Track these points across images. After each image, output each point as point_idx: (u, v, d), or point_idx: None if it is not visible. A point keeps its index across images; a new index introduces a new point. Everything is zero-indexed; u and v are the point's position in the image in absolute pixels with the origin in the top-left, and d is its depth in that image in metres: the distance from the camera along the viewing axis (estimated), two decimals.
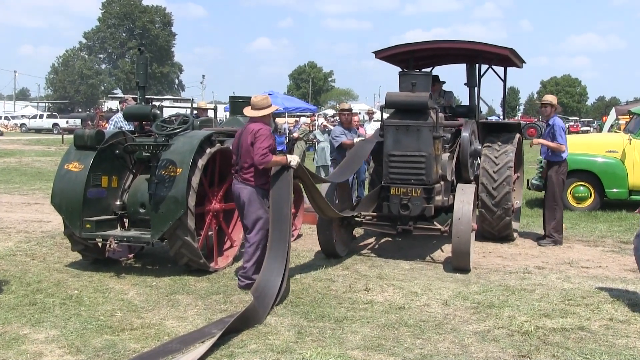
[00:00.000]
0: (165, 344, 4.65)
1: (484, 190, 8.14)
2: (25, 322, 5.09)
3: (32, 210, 10.99)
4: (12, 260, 7.16)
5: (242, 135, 6.17)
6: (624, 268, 7.20)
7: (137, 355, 4.45)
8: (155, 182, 6.29)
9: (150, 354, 4.45)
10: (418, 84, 7.14)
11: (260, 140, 5.94)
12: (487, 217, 8.23)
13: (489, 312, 5.46)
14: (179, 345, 4.59)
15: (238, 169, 6.20)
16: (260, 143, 5.93)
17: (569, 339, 4.84)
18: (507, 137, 8.56)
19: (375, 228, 7.88)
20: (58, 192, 6.54)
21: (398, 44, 8.69)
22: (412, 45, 8.61)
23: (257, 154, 5.91)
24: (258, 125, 6.10)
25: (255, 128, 6.07)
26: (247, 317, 5.05)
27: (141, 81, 7.12)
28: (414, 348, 4.62)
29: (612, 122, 22.40)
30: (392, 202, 7.15)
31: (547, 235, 8.51)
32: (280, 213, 5.88)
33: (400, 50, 8.65)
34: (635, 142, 11.13)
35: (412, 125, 7.08)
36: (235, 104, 9.04)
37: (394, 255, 7.74)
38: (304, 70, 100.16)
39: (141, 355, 4.44)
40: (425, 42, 8.67)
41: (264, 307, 5.32)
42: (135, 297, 5.84)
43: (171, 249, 6.49)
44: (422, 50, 8.85)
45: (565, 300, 5.82)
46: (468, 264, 6.83)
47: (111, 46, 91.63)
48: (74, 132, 6.89)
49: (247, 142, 6.04)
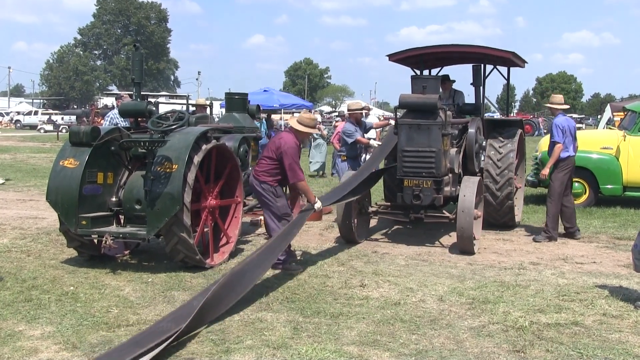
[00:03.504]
0: (157, 323, 4.71)
1: (489, 176, 8.87)
2: (21, 318, 5.10)
3: (27, 206, 10.97)
4: (8, 257, 7.15)
5: (272, 139, 7.01)
6: (618, 264, 7.24)
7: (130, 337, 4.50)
8: (151, 178, 6.29)
9: (144, 335, 4.48)
10: (428, 86, 7.88)
11: (289, 155, 6.54)
12: (491, 201, 8.86)
13: (484, 307, 5.49)
14: (170, 324, 4.62)
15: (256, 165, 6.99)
16: (291, 159, 6.55)
17: (563, 334, 4.87)
18: (510, 131, 9.34)
19: (390, 216, 8.73)
20: (53, 188, 6.53)
21: (410, 48, 9.35)
22: (422, 49, 9.36)
23: (293, 172, 6.55)
24: (289, 138, 6.68)
25: (285, 139, 6.68)
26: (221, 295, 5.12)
27: (136, 77, 7.11)
28: (410, 343, 4.64)
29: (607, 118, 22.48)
30: (405, 192, 7.88)
31: (543, 230, 8.61)
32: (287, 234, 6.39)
33: (412, 53, 9.35)
34: (630, 138, 11.17)
35: (423, 124, 7.77)
36: (231, 100, 9.03)
37: (406, 241, 8.44)
38: (300, 67, 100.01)
39: (134, 338, 4.49)
40: (435, 46, 9.46)
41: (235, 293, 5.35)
42: (131, 293, 5.84)
43: (167, 246, 6.49)
44: (432, 53, 9.55)
45: (560, 296, 5.85)
46: (472, 248, 7.58)
47: (106, 42, 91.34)
48: (70, 129, 6.88)
49: (271, 147, 6.73)
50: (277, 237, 6.25)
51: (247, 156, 8.01)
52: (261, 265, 5.82)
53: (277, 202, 6.70)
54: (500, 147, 8.99)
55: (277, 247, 6.14)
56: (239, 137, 7.77)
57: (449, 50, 9.59)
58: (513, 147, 8.99)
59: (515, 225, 9.34)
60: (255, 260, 5.82)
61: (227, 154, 7.18)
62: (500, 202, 8.87)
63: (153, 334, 4.48)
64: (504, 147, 8.98)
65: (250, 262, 5.79)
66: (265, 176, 6.69)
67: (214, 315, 5.03)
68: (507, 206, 8.92)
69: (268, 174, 6.69)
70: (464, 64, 10.51)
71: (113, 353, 4.27)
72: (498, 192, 8.82)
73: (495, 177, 8.83)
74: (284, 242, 6.28)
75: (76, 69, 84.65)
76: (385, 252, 7.77)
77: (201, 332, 4.82)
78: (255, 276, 5.68)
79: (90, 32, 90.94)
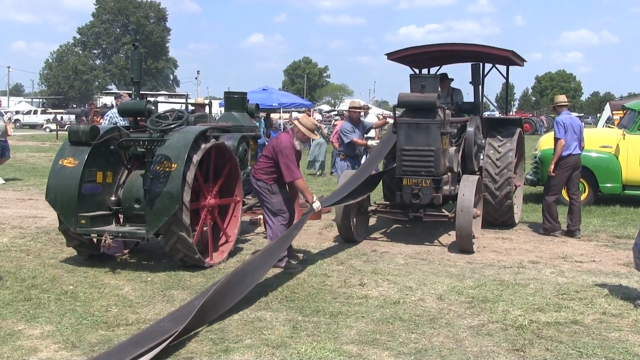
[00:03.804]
0: (157, 323, 4.70)
1: (488, 175, 8.83)
2: (20, 317, 5.09)
3: (26, 206, 10.96)
4: (7, 256, 7.14)
5: (272, 139, 7.19)
6: (618, 262, 7.24)
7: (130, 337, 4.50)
8: (150, 177, 6.29)
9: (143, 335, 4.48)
10: (427, 85, 7.84)
11: (284, 155, 6.61)
12: (490, 200, 8.83)
13: (484, 306, 5.49)
14: (170, 324, 4.62)
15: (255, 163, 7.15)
16: (286, 158, 6.61)
17: (563, 332, 4.87)
18: (509, 130, 9.29)
19: (389, 215, 8.63)
20: (53, 187, 6.52)
21: (409, 47, 9.34)
22: (421, 48, 9.31)
23: (289, 170, 6.60)
24: (286, 138, 6.78)
25: (282, 139, 6.79)
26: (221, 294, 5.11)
27: (136, 77, 7.10)
28: (409, 342, 4.64)
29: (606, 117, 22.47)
30: (404, 191, 7.86)
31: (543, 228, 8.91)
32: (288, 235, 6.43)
33: (411, 52, 9.28)
34: (629, 137, 11.18)
35: (422, 122, 7.74)
36: (230, 99, 9.03)
37: (405, 240, 8.42)
38: (299, 66, 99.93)
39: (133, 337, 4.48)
40: (434, 45, 9.40)
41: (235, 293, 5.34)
42: (131, 292, 5.84)
43: (166, 245, 6.49)
44: (431, 52, 9.50)
45: (559, 295, 5.85)
46: (471, 247, 7.55)
47: (105, 42, 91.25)
48: (69, 128, 6.88)
49: (269, 146, 6.86)
50: (279, 239, 6.30)
51: (246, 155, 8.02)
52: (262, 266, 5.83)
53: (272, 198, 6.83)
54: (499, 146, 8.96)
55: (277, 249, 6.19)
56: (238, 136, 7.77)
57: (448, 49, 9.55)
58: (512, 146, 8.96)
59: (514, 224, 9.34)
60: (257, 261, 5.82)
61: (226, 153, 7.17)
62: (500, 202, 8.86)
63: (153, 334, 4.48)
64: (503, 146, 8.95)
65: (252, 262, 5.80)
66: (261, 174, 6.85)
67: (213, 316, 5.02)
68: (506, 205, 8.91)
69: (264, 172, 6.84)
70: (463, 63, 10.52)
71: (112, 352, 4.27)
72: (497, 192, 8.80)
73: (494, 176, 8.81)
74: (284, 244, 6.33)
75: (75, 68, 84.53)
76: (384, 251, 7.77)
77: (200, 331, 4.81)
78: (256, 277, 5.68)
79: (90, 31, 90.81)
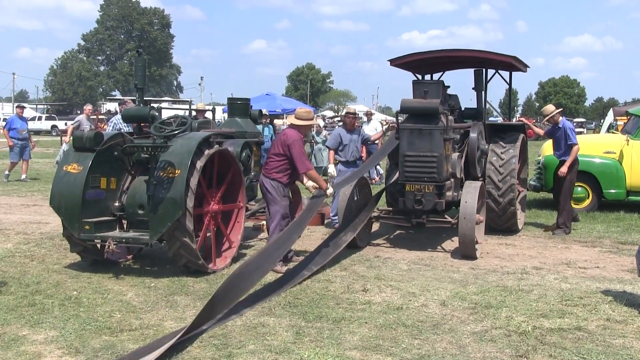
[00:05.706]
0: (161, 339, 4.68)
1: (491, 182, 8.80)
2: (25, 323, 5.11)
3: (30, 211, 10.99)
4: (11, 262, 7.17)
5: (277, 137, 7.25)
6: (622, 269, 7.22)
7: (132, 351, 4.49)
8: (153, 183, 6.31)
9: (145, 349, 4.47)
10: (430, 91, 7.89)
11: (296, 147, 6.76)
12: (493, 207, 8.81)
13: (487, 312, 5.48)
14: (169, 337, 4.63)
15: (265, 164, 7.18)
16: (298, 150, 6.77)
17: (566, 339, 4.86)
18: (512, 136, 9.24)
19: (392, 221, 8.66)
20: (57, 193, 6.54)
21: (411, 53, 9.40)
22: (424, 54, 9.35)
23: (302, 162, 6.77)
24: (292, 132, 6.91)
25: (289, 133, 6.91)
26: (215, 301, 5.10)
27: (139, 83, 7.13)
28: (412, 348, 4.64)
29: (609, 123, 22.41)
30: (407, 197, 7.89)
31: (559, 226, 9.21)
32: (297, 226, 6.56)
33: (414, 58, 9.31)
34: (633, 142, 11.15)
35: (425, 128, 7.77)
36: (233, 105, 9.06)
37: (408, 245, 8.38)
38: (302, 72, 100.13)
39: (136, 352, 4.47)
40: (436, 51, 9.41)
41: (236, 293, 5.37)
42: (134, 298, 5.85)
43: (170, 250, 6.50)
44: (433, 58, 9.53)
45: (563, 301, 5.84)
46: (474, 253, 7.54)
47: (109, 48, 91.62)
48: (73, 134, 6.92)
49: (277, 144, 6.94)
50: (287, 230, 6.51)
51: (250, 161, 8.04)
52: (263, 267, 5.84)
53: (283, 201, 6.94)
54: (502, 153, 8.93)
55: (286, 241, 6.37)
56: (242, 142, 7.78)
57: (450, 55, 9.57)
58: (515, 153, 8.92)
59: (518, 230, 9.33)
60: (257, 262, 5.83)
61: (229, 159, 7.19)
62: (503, 209, 8.83)
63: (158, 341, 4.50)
64: (506, 153, 8.93)
65: (252, 262, 5.82)
66: (275, 173, 6.90)
67: (214, 316, 5.02)
68: (510, 212, 8.87)
69: (277, 170, 6.89)
70: (465, 69, 10.54)
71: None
72: (500, 199, 8.77)
73: (497, 183, 8.78)
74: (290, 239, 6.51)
75: (80, 75, 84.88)
76: (387, 256, 7.76)
77: (203, 336, 4.82)
78: (256, 277, 5.70)
79: (94, 38, 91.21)
